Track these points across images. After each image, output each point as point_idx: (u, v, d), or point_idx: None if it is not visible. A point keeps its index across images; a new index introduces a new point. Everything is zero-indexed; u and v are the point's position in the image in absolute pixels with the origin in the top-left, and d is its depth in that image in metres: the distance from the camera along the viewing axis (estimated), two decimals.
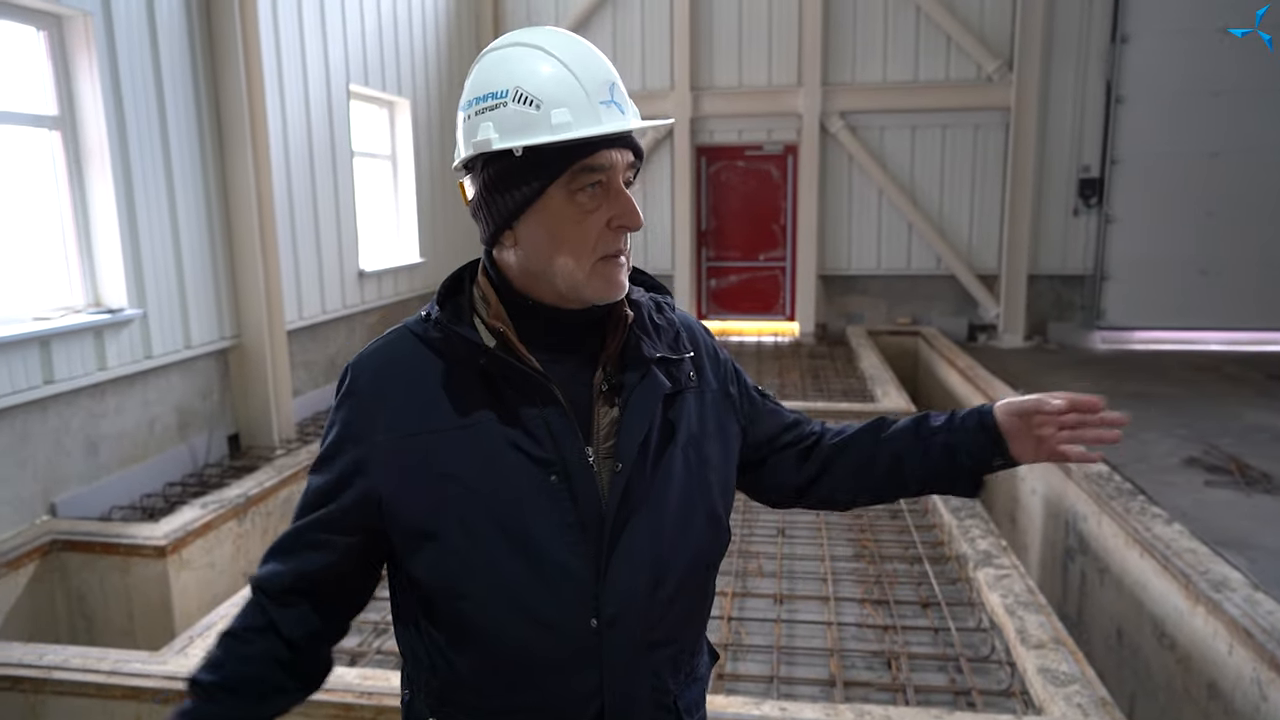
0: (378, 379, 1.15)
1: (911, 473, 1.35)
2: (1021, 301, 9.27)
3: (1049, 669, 2.57)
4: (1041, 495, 5.00)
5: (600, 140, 1.08)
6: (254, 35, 5.30)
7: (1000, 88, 9.04)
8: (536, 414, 1.12)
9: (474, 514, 1.09)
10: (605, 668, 1.13)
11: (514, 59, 1.10)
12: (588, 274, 1.11)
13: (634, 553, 1.13)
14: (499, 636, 1.11)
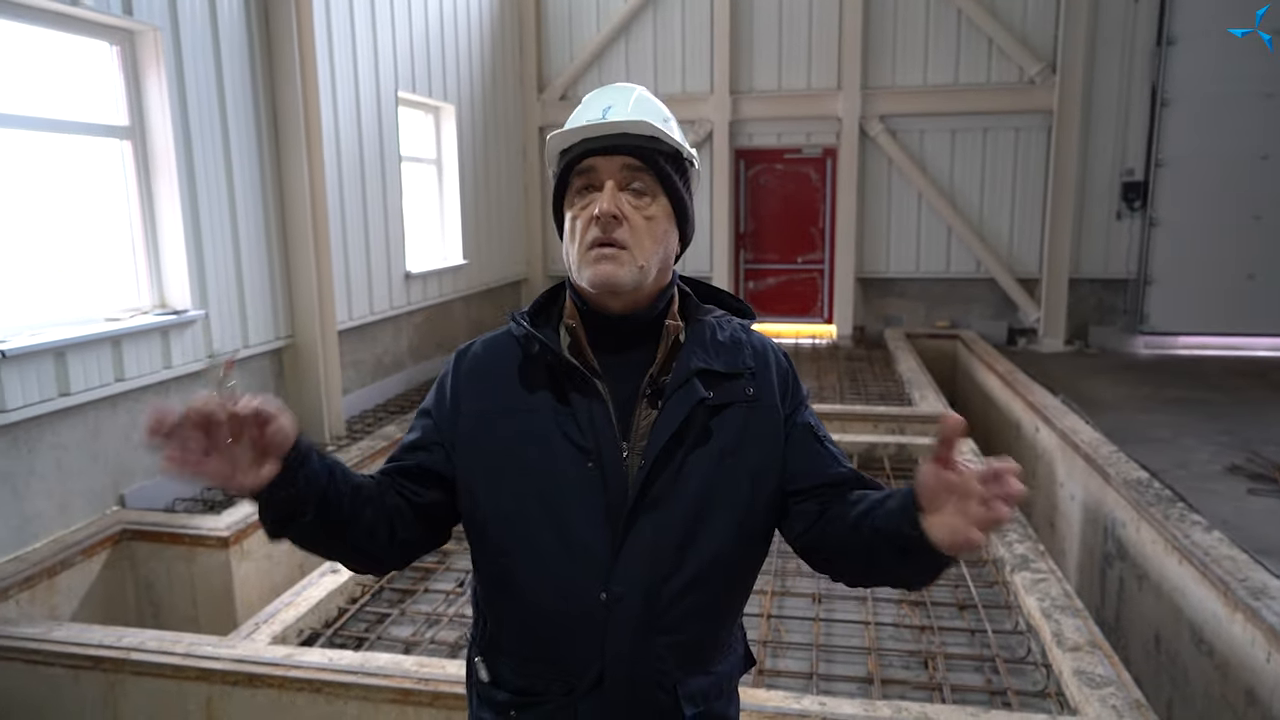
0: (473, 361, 1.38)
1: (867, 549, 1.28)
2: (1062, 305, 9.20)
3: (1084, 671, 2.63)
4: (1080, 501, 5.01)
5: (587, 149, 1.30)
6: (309, 46, 5.49)
7: (1043, 91, 8.99)
8: (585, 407, 1.28)
9: (522, 485, 1.27)
10: (608, 638, 1.25)
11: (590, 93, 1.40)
12: (579, 261, 1.29)
13: (646, 543, 1.25)
14: (529, 593, 1.27)
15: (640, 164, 1.29)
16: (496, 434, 1.31)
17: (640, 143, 1.28)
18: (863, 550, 1.26)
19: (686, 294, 1.44)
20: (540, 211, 10.34)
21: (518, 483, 1.28)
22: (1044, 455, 5.77)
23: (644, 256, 1.29)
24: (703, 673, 1.33)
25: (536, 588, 1.27)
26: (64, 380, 3.94)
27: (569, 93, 10.18)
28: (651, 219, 1.30)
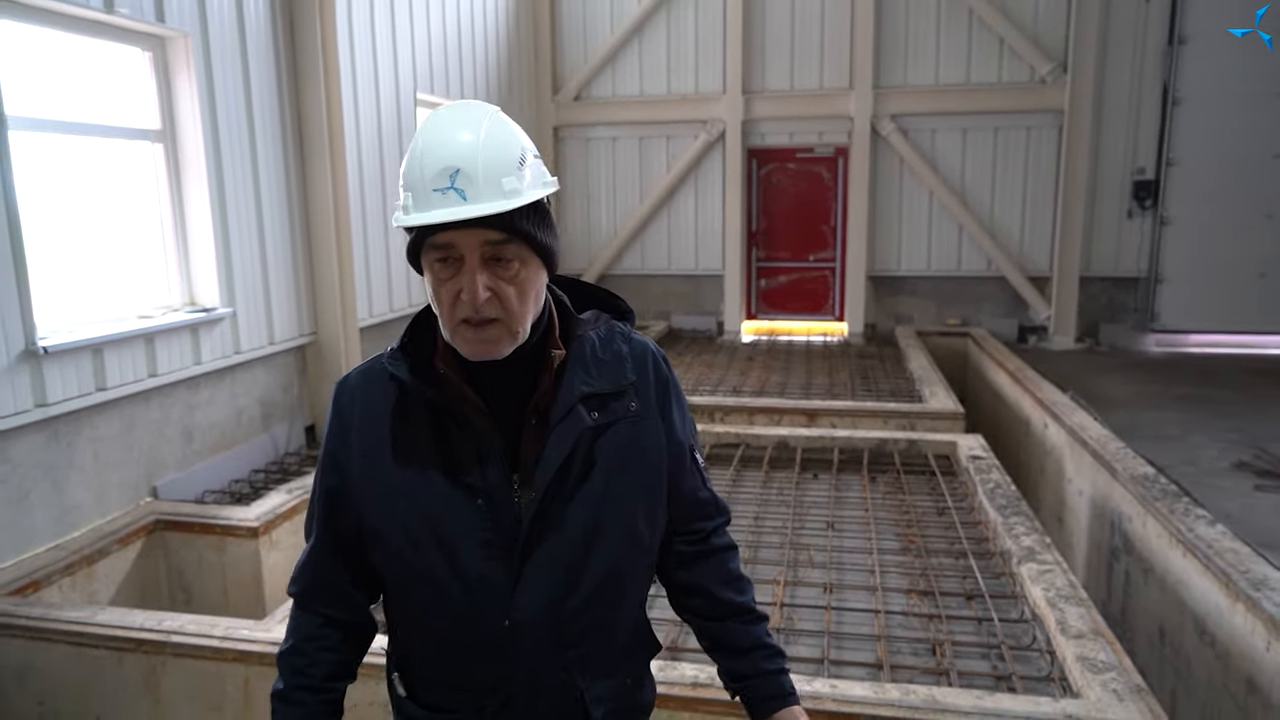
0: (352, 396, 1.39)
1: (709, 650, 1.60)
2: (1073, 303, 9.27)
3: (1087, 657, 2.72)
4: (1088, 497, 5.09)
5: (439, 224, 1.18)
6: (332, 50, 5.63)
7: (1054, 90, 9.04)
8: (471, 445, 1.30)
9: (415, 523, 1.31)
10: (512, 662, 1.34)
11: (414, 143, 1.25)
12: (452, 334, 1.27)
13: (542, 569, 1.32)
14: (431, 623, 1.37)
15: (503, 235, 1.21)
16: (384, 474, 1.33)
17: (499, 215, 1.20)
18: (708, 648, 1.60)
19: (563, 306, 1.41)
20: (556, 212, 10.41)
21: (410, 521, 1.32)
22: (1053, 451, 5.85)
23: (519, 322, 1.26)
24: (606, 675, 1.42)
25: (438, 618, 1.35)
26: (101, 375, 4.09)
27: (583, 93, 10.29)
28: (521, 282, 1.25)
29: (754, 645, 1.54)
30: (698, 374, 7.68)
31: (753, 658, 1.54)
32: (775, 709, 1.53)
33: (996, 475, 4.43)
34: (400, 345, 1.36)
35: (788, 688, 1.55)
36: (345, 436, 1.38)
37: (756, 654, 1.54)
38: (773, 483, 4.72)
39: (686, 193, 10.28)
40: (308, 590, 1.45)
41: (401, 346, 1.36)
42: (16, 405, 3.65)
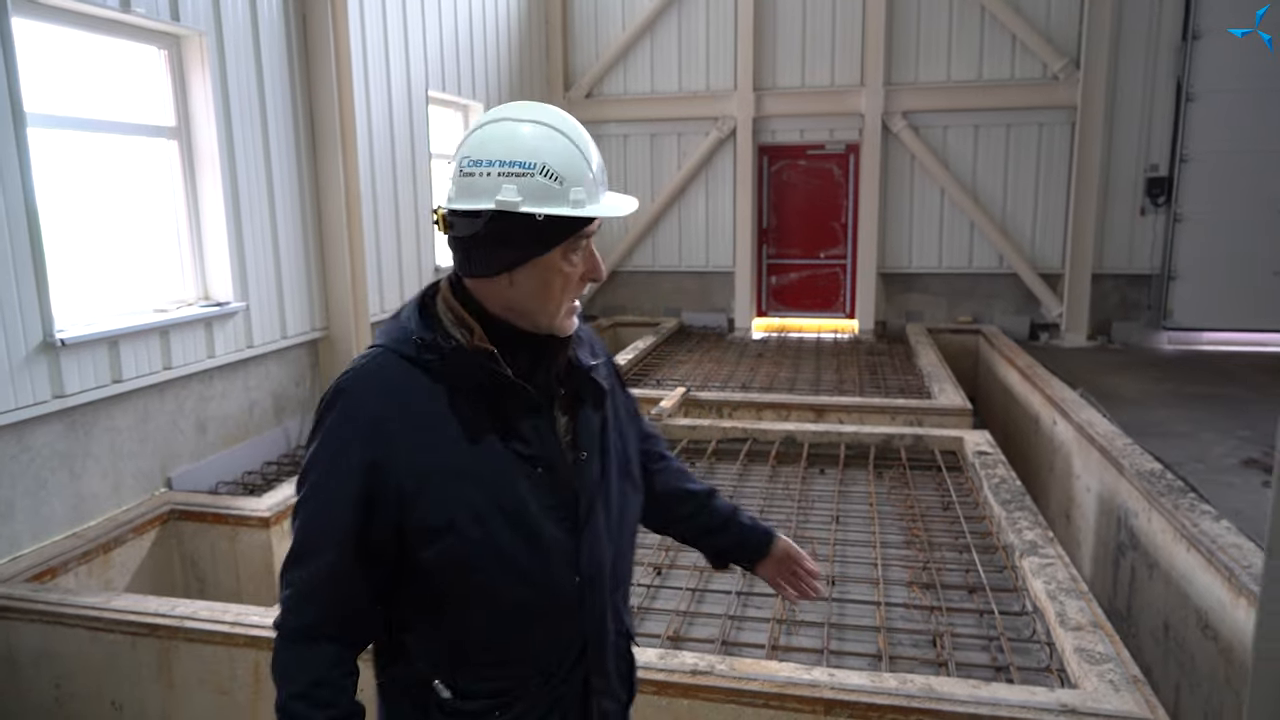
0: (378, 401, 1.34)
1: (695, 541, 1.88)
2: (1085, 301, 9.23)
3: (1085, 649, 2.74)
4: (1096, 493, 5.09)
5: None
6: (345, 48, 5.69)
7: (1066, 86, 9.01)
8: (526, 420, 1.41)
9: (482, 502, 1.36)
10: (584, 614, 1.47)
11: (538, 136, 1.34)
12: (562, 316, 1.42)
13: (598, 523, 1.47)
14: (498, 598, 1.39)
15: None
16: (447, 462, 1.35)
17: None
18: (691, 539, 1.87)
19: None
20: None
21: (477, 501, 1.35)
22: (1061, 448, 5.85)
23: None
24: (630, 611, 1.66)
25: (513, 593, 1.39)
26: (117, 368, 4.16)
27: (595, 91, 10.33)
28: None
29: (729, 513, 1.86)
30: (707, 370, 7.71)
31: (733, 522, 1.85)
32: (769, 543, 1.85)
33: (1002, 470, 4.44)
34: (423, 338, 1.38)
35: (767, 526, 1.88)
36: (386, 439, 1.32)
37: (733, 519, 1.85)
38: (779, 477, 4.75)
39: (697, 189, 10.30)
40: (322, 619, 1.36)
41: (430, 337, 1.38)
42: (35, 396, 3.73)
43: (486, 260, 1.37)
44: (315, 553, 1.35)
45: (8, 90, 3.57)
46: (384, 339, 1.42)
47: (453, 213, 1.36)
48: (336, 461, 1.34)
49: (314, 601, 1.36)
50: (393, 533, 1.34)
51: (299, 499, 1.38)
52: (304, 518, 1.37)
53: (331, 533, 1.34)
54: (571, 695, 1.49)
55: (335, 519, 1.34)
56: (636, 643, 1.68)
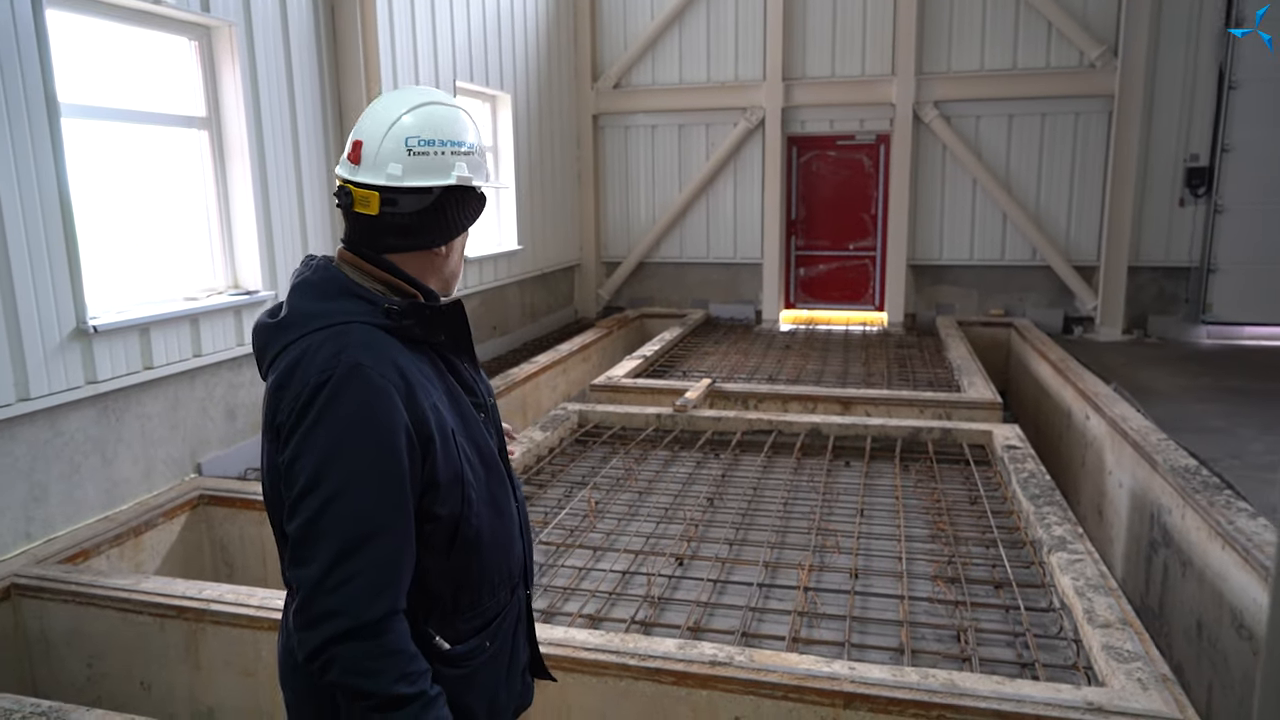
0: (393, 367, 1.40)
1: None
2: (1121, 294, 9.05)
3: (1113, 646, 2.68)
4: (1128, 489, 4.99)
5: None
6: (373, 38, 5.72)
7: (1103, 74, 8.82)
8: (470, 373, 1.63)
9: (469, 452, 1.52)
10: (524, 532, 1.72)
11: (465, 120, 1.56)
12: (454, 276, 1.64)
13: (506, 454, 1.72)
14: (490, 535, 1.56)
15: None
16: (448, 418, 1.49)
17: None
18: None
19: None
20: (594, 198, 10.51)
21: (467, 452, 1.52)
22: (1093, 443, 5.74)
23: None
24: None
25: (493, 527, 1.57)
26: (148, 355, 4.23)
27: (623, 81, 10.30)
28: None
29: None
30: (733, 362, 7.67)
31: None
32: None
33: (1031, 465, 4.37)
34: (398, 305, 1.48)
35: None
36: (408, 402, 1.39)
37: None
38: (804, 470, 4.72)
39: (725, 180, 10.24)
40: (398, 598, 1.37)
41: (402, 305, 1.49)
42: (68, 381, 3.80)
43: (436, 232, 1.53)
44: (383, 530, 1.34)
45: (42, 81, 3.63)
46: (343, 316, 1.43)
47: (397, 191, 1.46)
48: (376, 434, 1.34)
49: (390, 583, 1.35)
50: (419, 496, 1.42)
51: (329, 491, 1.31)
52: (350, 503, 1.32)
53: (397, 504, 1.36)
54: (521, 607, 1.72)
55: (396, 488, 1.36)
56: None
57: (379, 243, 1.50)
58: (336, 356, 1.36)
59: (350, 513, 1.32)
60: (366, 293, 1.48)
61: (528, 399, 6.85)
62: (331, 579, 1.30)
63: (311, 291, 1.47)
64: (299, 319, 1.44)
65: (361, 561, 1.32)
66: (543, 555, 3.66)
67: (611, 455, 4.99)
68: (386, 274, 1.51)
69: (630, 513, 4.13)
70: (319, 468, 1.32)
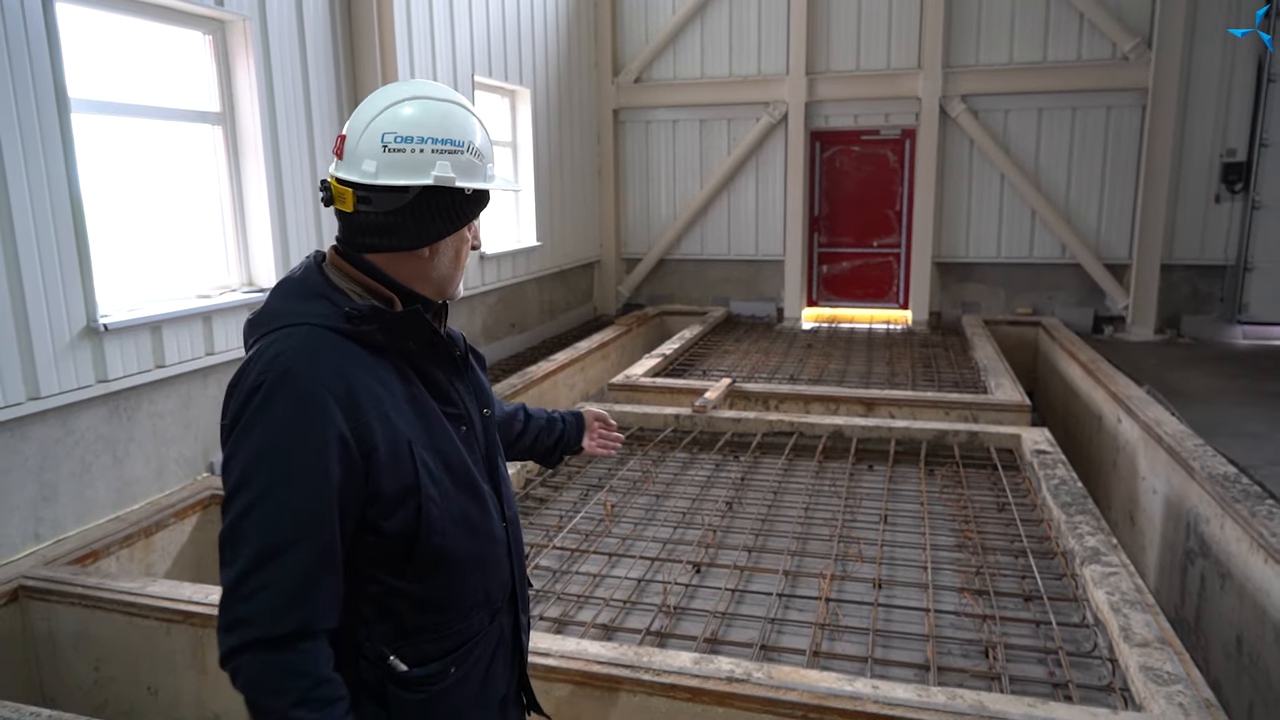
0: (332, 374, 1.32)
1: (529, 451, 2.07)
2: (1153, 292, 8.82)
3: (1152, 668, 2.55)
4: (1162, 495, 4.83)
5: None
6: (389, 33, 5.65)
7: (1137, 67, 8.59)
8: (446, 381, 1.52)
9: (432, 465, 1.43)
10: (513, 555, 1.62)
11: (464, 117, 1.46)
12: (458, 276, 1.54)
13: (504, 470, 1.66)
14: (461, 554, 1.47)
15: None
16: (402, 428, 1.39)
17: None
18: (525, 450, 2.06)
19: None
20: (614, 194, 10.41)
21: (430, 463, 1.42)
22: (1125, 447, 5.57)
23: None
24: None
25: (465, 545, 1.48)
26: (160, 353, 4.18)
27: (644, 75, 10.19)
28: None
29: (547, 418, 2.10)
30: (754, 361, 7.54)
31: (551, 421, 2.10)
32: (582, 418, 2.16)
33: (1062, 471, 4.22)
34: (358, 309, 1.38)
35: (567, 409, 2.18)
36: (346, 410, 1.31)
37: (552, 416, 2.12)
38: (825, 473, 4.59)
39: (747, 176, 10.10)
40: (315, 615, 1.29)
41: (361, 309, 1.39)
42: (79, 380, 3.76)
43: (413, 234, 1.42)
44: (297, 543, 1.27)
45: (52, 76, 3.58)
46: (302, 317, 1.36)
47: (370, 188, 1.38)
48: (304, 440, 1.28)
49: (305, 599, 1.28)
50: (359, 507, 1.34)
51: (253, 495, 1.27)
52: (272, 508, 1.27)
53: (316, 515, 1.28)
54: (506, 635, 1.63)
55: (316, 499, 1.28)
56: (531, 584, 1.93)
57: (357, 241, 1.44)
58: (275, 360, 1.31)
59: (269, 519, 1.27)
60: (336, 295, 1.41)
61: (545, 397, 6.77)
62: (246, 585, 1.26)
63: (287, 290, 1.44)
64: (266, 318, 1.41)
65: (276, 571, 1.26)
66: (556, 561, 3.57)
67: (629, 456, 4.90)
68: (365, 275, 1.44)
69: (647, 517, 4.03)
70: (245, 471, 1.28)
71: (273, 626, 1.25)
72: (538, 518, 4.03)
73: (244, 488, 1.28)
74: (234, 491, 1.29)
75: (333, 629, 1.34)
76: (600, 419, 2.18)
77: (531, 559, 3.56)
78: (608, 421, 2.19)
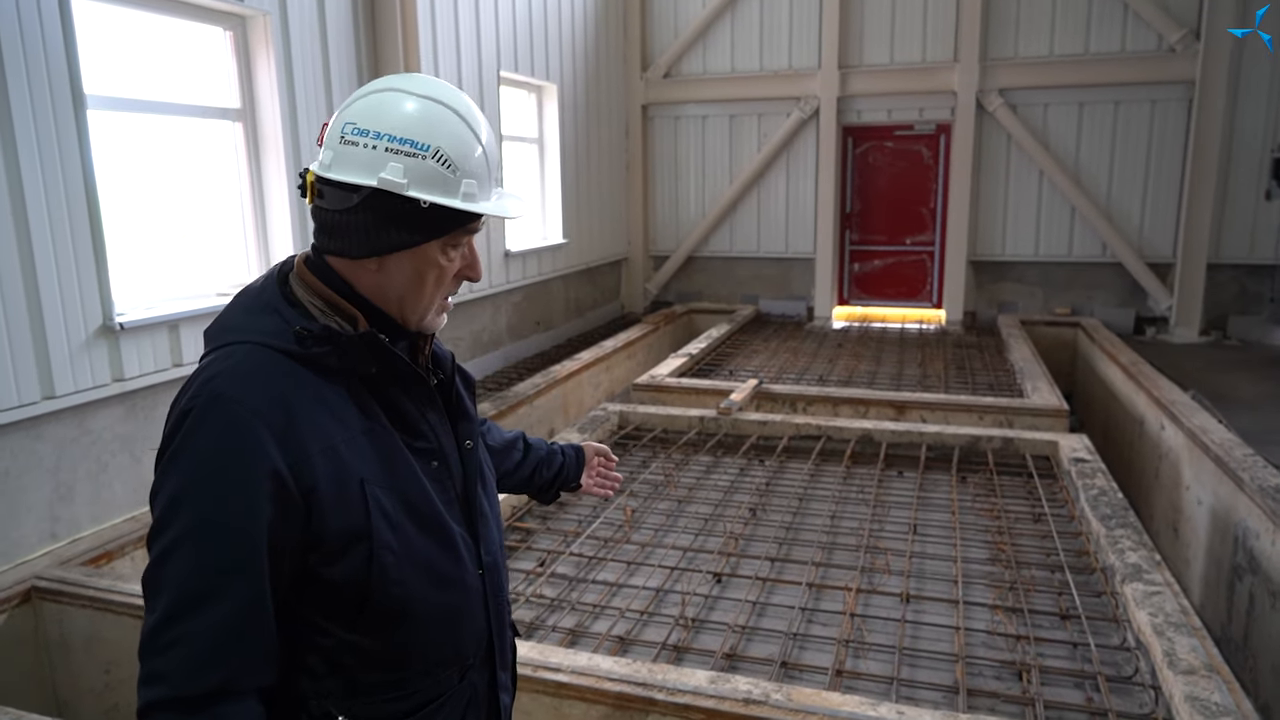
0: (268, 402, 1.15)
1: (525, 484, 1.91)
2: (1199, 293, 8.52)
3: (1199, 697, 2.39)
4: (1208, 507, 4.62)
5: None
6: (413, 28, 5.59)
7: (1184, 59, 8.29)
8: (415, 411, 1.33)
9: (389, 506, 1.24)
10: (490, 606, 1.43)
11: (437, 116, 1.24)
12: (433, 313, 1.34)
13: (487, 510, 1.45)
14: (424, 605, 1.29)
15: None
16: (352, 463, 1.21)
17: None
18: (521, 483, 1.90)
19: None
20: (642, 190, 10.30)
21: (386, 503, 1.24)
22: (1168, 455, 5.35)
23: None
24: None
25: (431, 596, 1.30)
26: (177, 351, 4.15)
27: (673, 70, 10.06)
28: None
29: (547, 450, 1.94)
30: (782, 361, 7.40)
31: (551, 454, 1.94)
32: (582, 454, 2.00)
33: (1102, 480, 4.04)
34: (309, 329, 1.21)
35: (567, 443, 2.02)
36: (282, 443, 1.15)
37: (551, 449, 1.95)
38: (853, 479, 4.45)
39: (778, 172, 9.94)
40: (239, 673, 1.13)
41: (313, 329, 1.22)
42: (95, 379, 3.73)
43: (357, 240, 1.24)
44: (219, 593, 1.11)
45: (68, 72, 3.55)
46: (247, 334, 1.20)
47: (325, 182, 1.23)
48: (229, 476, 1.12)
49: (226, 656, 1.12)
50: (298, 552, 1.17)
51: (172, 536, 1.11)
52: (197, 553, 1.11)
53: (240, 563, 1.12)
54: (480, 694, 1.45)
55: (241, 546, 1.12)
56: (519, 633, 1.68)
57: (316, 240, 1.30)
58: (207, 383, 1.16)
59: (188, 566, 1.11)
60: (288, 310, 1.24)
61: (569, 397, 6.68)
62: (161, 637, 1.11)
63: (242, 301, 1.29)
64: (215, 331, 1.26)
65: (194, 624, 1.10)
66: (574, 568, 3.48)
67: (651, 459, 4.79)
68: (326, 287, 1.27)
69: (668, 523, 3.92)
70: (165, 510, 1.13)
71: (187, 686, 1.10)
72: (555, 523, 3.94)
73: (165, 529, 1.13)
74: (155, 532, 1.14)
75: (268, 686, 1.18)
76: (601, 454, 2.02)
77: (548, 566, 3.47)
78: (609, 457, 2.03)
